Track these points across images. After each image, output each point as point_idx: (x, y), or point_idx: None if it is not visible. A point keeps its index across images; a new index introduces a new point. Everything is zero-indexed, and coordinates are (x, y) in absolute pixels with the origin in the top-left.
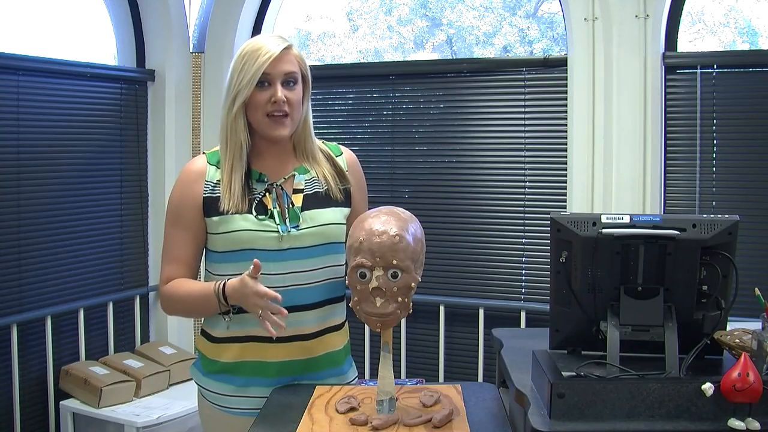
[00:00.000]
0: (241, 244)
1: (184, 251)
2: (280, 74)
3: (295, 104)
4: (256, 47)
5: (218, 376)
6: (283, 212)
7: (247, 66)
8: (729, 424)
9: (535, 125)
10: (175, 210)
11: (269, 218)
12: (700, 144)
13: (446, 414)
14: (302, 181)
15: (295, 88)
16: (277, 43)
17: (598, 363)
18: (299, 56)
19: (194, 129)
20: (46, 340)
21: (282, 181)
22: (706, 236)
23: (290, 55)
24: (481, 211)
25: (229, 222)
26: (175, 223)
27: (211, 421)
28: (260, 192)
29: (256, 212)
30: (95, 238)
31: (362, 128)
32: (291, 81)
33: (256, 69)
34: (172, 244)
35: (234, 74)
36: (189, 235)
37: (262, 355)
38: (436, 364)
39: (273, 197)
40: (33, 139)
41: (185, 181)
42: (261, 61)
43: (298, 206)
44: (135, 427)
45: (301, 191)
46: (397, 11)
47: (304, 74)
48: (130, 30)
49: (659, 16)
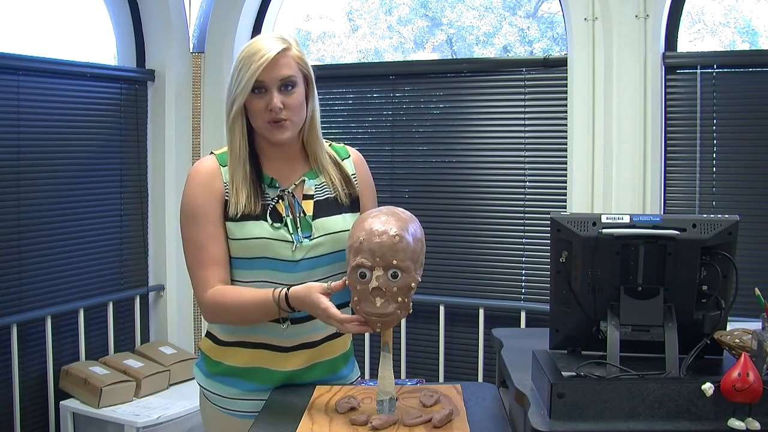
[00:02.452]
0: (257, 251)
1: (217, 249)
2: (275, 80)
3: (294, 108)
4: (252, 51)
5: (222, 378)
6: (295, 221)
7: (242, 72)
8: (729, 424)
9: (535, 125)
10: (197, 210)
11: (284, 226)
12: (700, 144)
13: (446, 414)
14: (312, 187)
15: (294, 91)
16: (274, 45)
17: (598, 363)
18: (298, 56)
19: (194, 129)
20: (46, 340)
21: (292, 188)
22: (706, 236)
23: (287, 57)
24: (481, 211)
25: (244, 228)
26: (199, 223)
27: (212, 422)
28: (273, 198)
29: (271, 219)
30: (95, 238)
31: (362, 128)
32: (288, 85)
33: (249, 76)
34: (200, 246)
35: (232, 79)
36: (218, 232)
37: (273, 363)
38: (436, 364)
39: (285, 204)
40: (33, 139)
41: (203, 180)
42: (254, 67)
43: (310, 215)
44: (135, 427)
45: (311, 197)
46: (397, 11)
47: (305, 74)
48: (130, 30)
49: (659, 16)
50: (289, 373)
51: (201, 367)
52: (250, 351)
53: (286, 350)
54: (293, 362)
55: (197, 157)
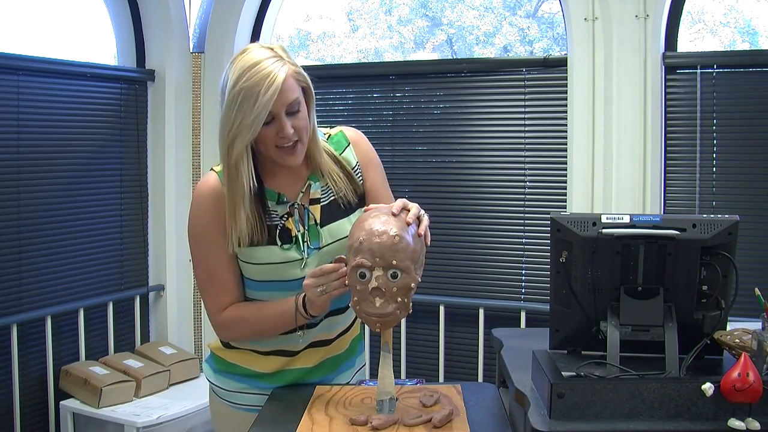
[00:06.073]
0: (266, 275)
1: (228, 277)
2: (282, 107)
3: (303, 129)
4: (251, 84)
5: (231, 375)
6: (304, 234)
7: (245, 105)
8: (729, 424)
9: (535, 125)
10: (205, 237)
11: (294, 245)
12: (700, 144)
13: (446, 414)
14: (318, 190)
15: (300, 112)
16: (273, 71)
17: (598, 363)
18: (294, 71)
19: (194, 129)
20: (46, 340)
21: (300, 197)
22: (706, 236)
23: (289, 79)
24: (481, 211)
25: (253, 254)
26: (208, 250)
27: (221, 418)
28: (282, 215)
29: (281, 241)
30: (95, 238)
31: (362, 128)
32: (295, 107)
33: (260, 110)
34: (211, 273)
35: (229, 111)
36: (228, 258)
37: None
38: (436, 364)
39: (296, 219)
40: (33, 139)
41: (208, 204)
42: (264, 101)
43: (318, 222)
44: (135, 427)
45: (318, 201)
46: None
47: (305, 87)
48: (130, 30)
49: (659, 16)
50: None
51: (210, 363)
52: (261, 356)
53: (297, 352)
54: (305, 361)
55: (197, 157)
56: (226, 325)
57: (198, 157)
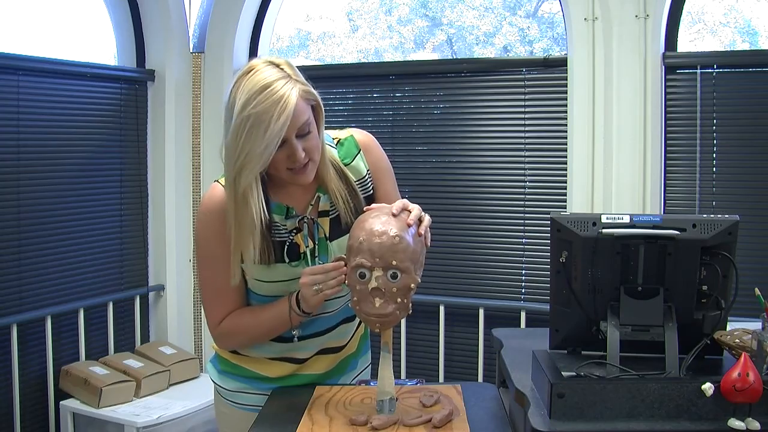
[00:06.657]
0: (272, 291)
1: (233, 296)
2: (294, 131)
3: (314, 149)
4: (261, 111)
5: (236, 376)
6: (314, 250)
7: (254, 135)
8: (729, 424)
9: (535, 125)
10: (211, 250)
11: (302, 261)
12: (700, 144)
13: (446, 414)
14: (327, 203)
15: (311, 132)
16: (284, 96)
17: (598, 363)
18: (305, 92)
19: (194, 129)
20: (46, 340)
21: (310, 210)
22: (706, 236)
23: (300, 102)
24: (481, 212)
25: (261, 272)
26: (212, 263)
27: (227, 419)
28: (291, 230)
29: (288, 258)
30: (95, 238)
31: (362, 128)
32: (306, 129)
33: (267, 141)
34: (215, 289)
35: (236, 138)
36: (234, 276)
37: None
38: (436, 364)
39: (305, 233)
40: (33, 139)
41: (215, 221)
42: (277, 128)
43: (327, 236)
44: (135, 427)
45: (327, 213)
46: (397, 11)
47: (314, 105)
48: (130, 30)
49: (659, 16)
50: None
51: (215, 364)
52: (269, 362)
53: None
54: (316, 368)
55: (197, 157)
56: (221, 335)
57: (198, 157)
